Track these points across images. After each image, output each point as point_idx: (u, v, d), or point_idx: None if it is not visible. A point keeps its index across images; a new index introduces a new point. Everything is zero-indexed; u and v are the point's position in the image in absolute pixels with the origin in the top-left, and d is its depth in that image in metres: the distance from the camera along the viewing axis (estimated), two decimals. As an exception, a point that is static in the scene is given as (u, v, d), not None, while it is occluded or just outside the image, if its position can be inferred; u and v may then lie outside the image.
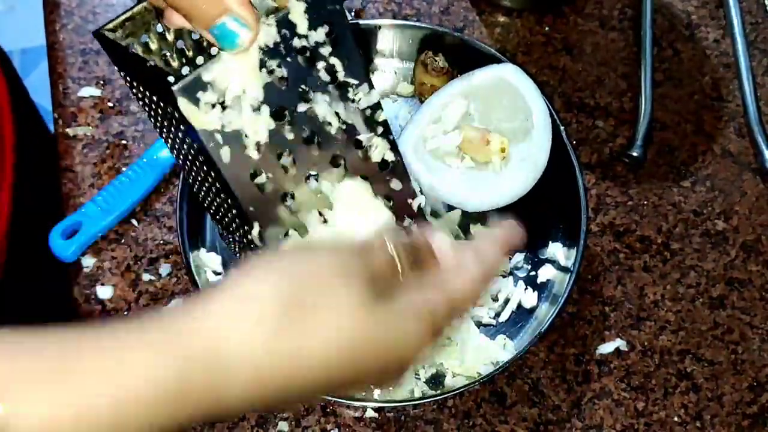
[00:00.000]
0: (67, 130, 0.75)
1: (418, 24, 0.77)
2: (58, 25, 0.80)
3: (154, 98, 0.49)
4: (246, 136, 0.47)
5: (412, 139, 0.70)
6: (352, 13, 0.81)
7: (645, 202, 0.74)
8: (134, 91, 0.52)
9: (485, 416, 0.65)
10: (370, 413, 0.65)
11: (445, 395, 0.63)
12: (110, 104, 0.77)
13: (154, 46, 0.50)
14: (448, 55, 0.73)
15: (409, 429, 0.65)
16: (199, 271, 0.67)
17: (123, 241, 0.71)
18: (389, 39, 0.76)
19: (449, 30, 0.77)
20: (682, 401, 0.67)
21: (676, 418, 0.66)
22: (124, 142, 0.75)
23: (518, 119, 0.70)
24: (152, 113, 0.52)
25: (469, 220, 0.71)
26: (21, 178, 0.70)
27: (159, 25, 0.50)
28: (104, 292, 0.69)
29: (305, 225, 0.52)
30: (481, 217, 0.71)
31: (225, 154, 0.46)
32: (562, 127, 0.70)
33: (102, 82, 0.78)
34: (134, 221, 0.72)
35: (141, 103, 0.52)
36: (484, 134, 0.69)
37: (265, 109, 0.47)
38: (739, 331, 0.70)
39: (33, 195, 0.75)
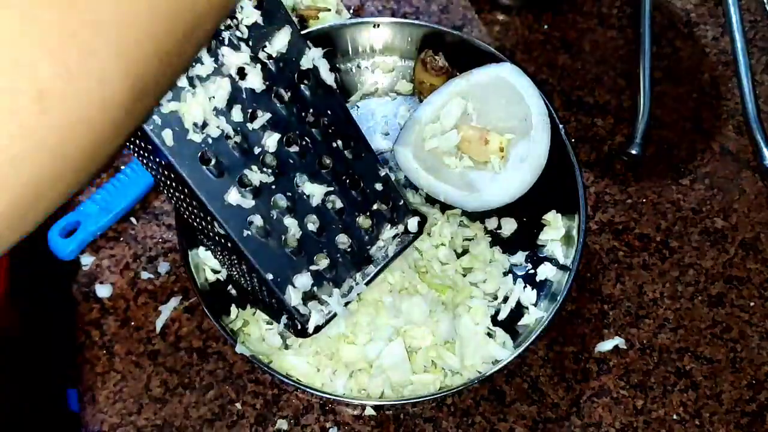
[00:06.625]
0: (66, 128, 0.75)
1: (417, 22, 0.77)
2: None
3: None
4: (184, 116, 0.46)
5: (411, 139, 0.70)
6: (351, 11, 0.81)
7: (644, 200, 0.74)
8: None
9: (484, 414, 0.65)
10: (369, 411, 0.65)
11: (445, 393, 0.63)
12: (109, 102, 0.77)
13: None
14: (447, 53, 0.73)
15: (408, 427, 0.65)
16: (197, 269, 0.67)
17: (122, 239, 0.71)
18: (388, 37, 0.76)
19: (448, 28, 0.76)
20: (681, 399, 0.67)
21: (675, 416, 0.66)
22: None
23: (517, 118, 0.70)
24: None
25: (469, 219, 0.71)
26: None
27: None
28: (103, 290, 0.69)
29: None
30: (481, 217, 0.71)
31: (167, 136, 0.46)
32: (561, 126, 0.70)
33: (100, 80, 0.78)
34: (133, 219, 0.71)
35: None
36: (482, 134, 0.69)
37: (201, 91, 0.47)
38: (738, 329, 0.70)
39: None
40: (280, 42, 0.48)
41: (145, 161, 0.52)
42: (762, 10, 0.84)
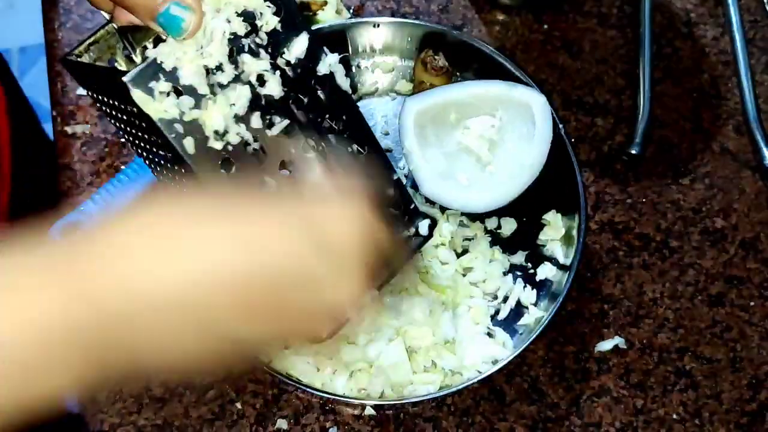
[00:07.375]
0: (66, 128, 0.75)
1: (416, 22, 0.77)
2: (57, 24, 0.80)
3: (122, 107, 0.48)
4: (205, 124, 0.46)
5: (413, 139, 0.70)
6: (351, 11, 0.81)
7: (644, 200, 0.74)
8: (104, 109, 0.52)
9: (484, 414, 0.65)
10: (369, 411, 0.65)
11: (445, 393, 0.63)
12: (109, 102, 0.77)
13: (122, 69, 0.50)
14: (447, 53, 0.73)
15: (408, 427, 0.65)
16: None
17: (122, 239, 0.71)
18: (388, 37, 0.76)
19: (448, 28, 0.76)
20: (681, 399, 0.67)
21: (674, 416, 0.66)
22: (122, 139, 0.75)
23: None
24: (126, 131, 0.52)
25: (469, 219, 0.71)
26: (19, 176, 0.70)
27: (126, 48, 0.50)
28: (103, 290, 0.68)
29: None
30: (481, 217, 0.71)
31: (189, 144, 0.46)
32: (561, 125, 0.70)
33: (101, 80, 0.78)
34: (133, 219, 0.71)
35: (115, 122, 0.52)
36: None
37: (222, 98, 0.47)
38: (738, 329, 0.70)
39: (31, 193, 0.75)
40: (298, 48, 0.49)
41: (158, 168, 0.52)
42: (762, 10, 0.84)
